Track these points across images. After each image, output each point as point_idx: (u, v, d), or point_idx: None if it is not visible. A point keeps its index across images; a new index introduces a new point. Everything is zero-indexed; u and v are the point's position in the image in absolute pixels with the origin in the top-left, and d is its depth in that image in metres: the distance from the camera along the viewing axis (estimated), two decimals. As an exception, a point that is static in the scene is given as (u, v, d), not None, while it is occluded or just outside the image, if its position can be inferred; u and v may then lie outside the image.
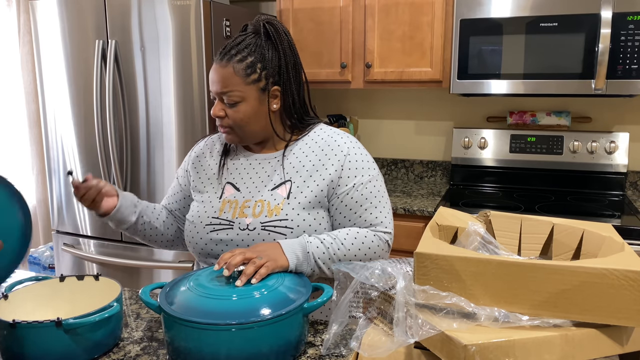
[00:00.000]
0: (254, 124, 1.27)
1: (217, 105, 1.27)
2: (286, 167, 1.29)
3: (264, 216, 1.24)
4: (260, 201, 1.26)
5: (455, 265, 0.85)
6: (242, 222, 1.25)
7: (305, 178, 1.27)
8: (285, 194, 1.26)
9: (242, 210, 1.27)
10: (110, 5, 2.38)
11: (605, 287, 0.79)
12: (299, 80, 1.31)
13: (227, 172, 1.35)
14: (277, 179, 1.29)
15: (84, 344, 1.04)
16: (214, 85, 1.26)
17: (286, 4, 2.68)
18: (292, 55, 1.29)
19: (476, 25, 2.31)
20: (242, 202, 1.28)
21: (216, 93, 1.26)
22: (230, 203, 1.29)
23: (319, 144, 1.32)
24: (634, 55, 2.13)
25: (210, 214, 1.29)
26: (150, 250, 2.51)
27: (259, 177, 1.31)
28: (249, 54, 1.24)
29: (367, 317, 0.98)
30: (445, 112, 2.87)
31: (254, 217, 1.25)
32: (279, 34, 1.27)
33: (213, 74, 1.26)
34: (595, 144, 2.52)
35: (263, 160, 1.33)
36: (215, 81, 1.25)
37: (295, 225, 1.23)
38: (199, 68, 2.28)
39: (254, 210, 1.26)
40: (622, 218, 2.17)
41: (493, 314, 0.83)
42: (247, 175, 1.32)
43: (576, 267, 0.80)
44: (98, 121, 2.45)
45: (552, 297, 0.81)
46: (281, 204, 1.25)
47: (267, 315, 0.97)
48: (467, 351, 0.76)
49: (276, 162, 1.31)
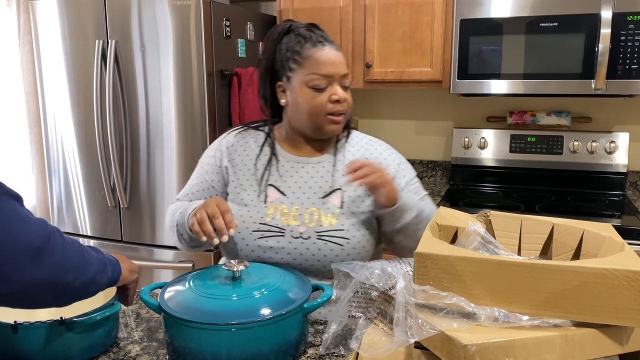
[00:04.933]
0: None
1: (338, 89, 1.24)
2: (335, 175, 1.29)
3: (318, 225, 1.22)
4: (314, 210, 1.24)
5: (455, 265, 0.85)
6: (294, 229, 1.22)
7: (355, 187, 1.27)
8: (338, 203, 1.25)
9: (293, 218, 1.23)
10: (110, 5, 2.38)
11: (606, 287, 0.79)
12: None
13: (267, 173, 1.31)
14: (327, 186, 1.27)
15: (84, 343, 1.05)
16: (335, 66, 1.23)
17: (286, 4, 2.67)
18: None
19: (476, 25, 2.31)
20: (291, 209, 1.25)
21: (340, 75, 1.24)
22: (277, 208, 1.25)
23: (361, 152, 1.34)
24: (634, 55, 2.13)
25: (257, 219, 1.25)
26: (150, 250, 2.51)
27: (306, 183, 1.28)
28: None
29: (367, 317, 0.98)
30: (445, 112, 2.87)
31: (308, 226, 1.22)
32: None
33: (332, 55, 1.24)
34: (595, 144, 2.52)
35: (306, 164, 1.30)
36: (337, 62, 1.24)
37: (351, 236, 1.22)
38: (199, 68, 2.28)
39: (306, 218, 1.23)
40: (622, 218, 2.17)
41: (493, 314, 0.83)
42: (291, 179, 1.28)
43: (576, 267, 0.80)
44: (98, 121, 2.45)
45: (552, 297, 0.81)
46: (336, 213, 1.23)
47: (267, 315, 0.97)
48: (467, 351, 0.76)
49: (322, 168, 1.30)
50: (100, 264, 0.96)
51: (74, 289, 0.91)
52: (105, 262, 0.98)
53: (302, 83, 1.24)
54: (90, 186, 2.59)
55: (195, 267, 2.43)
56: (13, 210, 0.83)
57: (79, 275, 0.90)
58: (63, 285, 0.88)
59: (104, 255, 1.00)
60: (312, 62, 1.23)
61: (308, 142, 1.33)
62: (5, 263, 0.81)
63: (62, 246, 0.88)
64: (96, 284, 0.95)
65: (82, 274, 0.91)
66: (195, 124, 2.33)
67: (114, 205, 2.55)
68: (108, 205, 2.56)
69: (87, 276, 0.92)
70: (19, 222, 0.83)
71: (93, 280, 0.94)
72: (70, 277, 0.89)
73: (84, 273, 0.92)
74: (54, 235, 0.87)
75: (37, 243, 0.84)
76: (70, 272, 0.89)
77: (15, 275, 0.82)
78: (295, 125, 1.31)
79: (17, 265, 0.82)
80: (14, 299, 0.85)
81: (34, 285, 0.84)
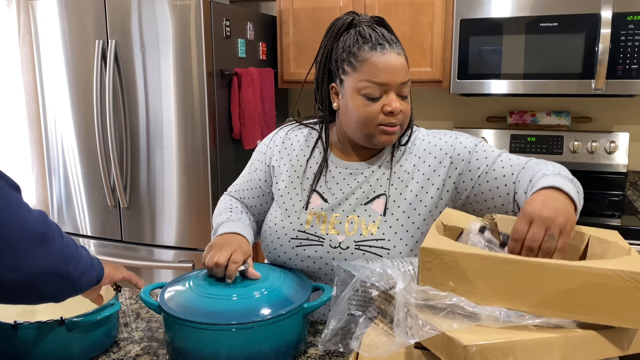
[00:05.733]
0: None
1: (394, 99, 1.11)
2: (380, 179, 1.18)
3: (358, 234, 1.14)
4: (354, 217, 1.16)
5: (460, 262, 0.85)
6: (333, 239, 1.15)
7: (401, 190, 1.17)
8: (381, 210, 1.16)
9: (333, 226, 1.16)
10: (110, 5, 2.38)
11: (610, 288, 0.79)
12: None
13: (313, 178, 1.23)
14: (371, 192, 1.18)
15: (84, 343, 1.05)
16: (392, 74, 1.10)
17: (286, 4, 2.67)
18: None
19: (476, 25, 2.31)
20: (331, 217, 1.17)
21: (398, 84, 1.11)
22: (317, 216, 1.18)
23: (412, 149, 1.21)
24: (634, 55, 2.13)
25: (296, 226, 1.19)
26: (150, 250, 2.51)
27: (350, 189, 1.19)
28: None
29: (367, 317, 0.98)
30: (445, 112, 2.87)
31: (347, 235, 1.15)
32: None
33: (389, 62, 1.10)
34: (595, 144, 2.52)
35: (355, 171, 1.21)
36: (396, 69, 1.10)
37: (392, 246, 1.13)
38: (199, 68, 2.28)
39: (346, 226, 1.16)
40: (622, 218, 2.17)
41: (494, 314, 0.83)
42: (336, 186, 1.20)
43: (581, 267, 0.80)
44: (98, 121, 2.45)
45: (556, 296, 0.81)
46: (377, 221, 1.15)
47: (267, 315, 0.97)
48: (468, 352, 0.76)
49: (370, 174, 1.20)
50: (88, 258, 0.98)
51: (73, 280, 0.91)
52: (91, 257, 0.99)
53: (355, 89, 1.13)
54: (90, 186, 2.59)
55: (195, 267, 2.43)
56: (17, 199, 0.84)
57: (77, 266, 0.92)
58: (65, 274, 0.89)
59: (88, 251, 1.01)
60: (368, 68, 1.11)
61: (360, 149, 1.23)
62: (12, 250, 0.81)
63: (61, 236, 0.90)
64: (87, 276, 0.96)
65: (79, 264, 0.92)
66: (195, 124, 2.33)
67: (114, 205, 2.55)
68: (108, 205, 2.56)
69: (83, 267, 0.94)
70: (24, 210, 0.84)
71: (85, 273, 0.95)
72: (71, 266, 0.90)
73: (80, 264, 0.93)
74: (52, 225, 0.89)
75: (41, 230, 0.85)
76: (70, 261, 0.90)
77: (22, 262, 0.82)
78: (346, 132, 1.21)
79: (24, 252, 0.82)
80: (19, 288, 0.84)
81: (39, 273, 0.84)
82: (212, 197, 2.37)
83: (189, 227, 2.43)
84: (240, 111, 2.47)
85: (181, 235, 2.44)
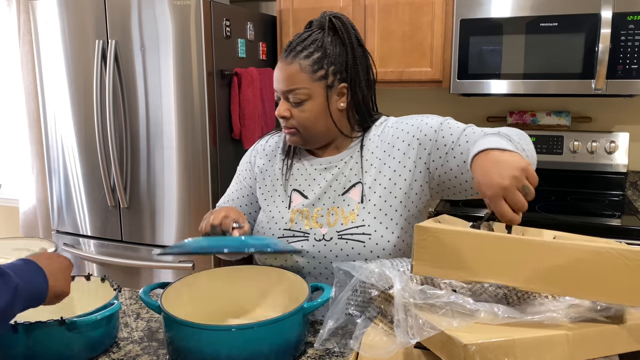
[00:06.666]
0: (320, 124, 1.21)
1: (282, 104, 1.20)
2: (353, 168, 1.23)
3: (339, 224, 1.18)
4: (334, 209, 1.20)
5: (454, 239, 0.86)
6: (317, 232, 1.19)
7: (375, 176, 1.21)
8: (358, 198, 1.20)
9: (316, 220, 1.21)
10: (110, 5, 2.38)
11: (600, 264, 0.79)
12: (368, 77, 1.25)
13: (292, 178, 1.28)
14: (346, 182, 1.22)
15: (84, 342, 1.05)
16: (279, 83, 1.19)
17: (286, 4, 2.67)
18: (360, 50, 1.22)
19: (476, 25, 2.31)
20: (313, 211, 1.22)
21: (282, 92, 1.20)
22: (300, 212, 1.23)
23: (382, 137, 1.25)
24: (634, 55, 2.13)
25: (281, 225, 1.23)
26: (150, 250, 2.51)
27: (326, 182, 1.24)
28: (315, 49, 1.18)
29: (367, 317, 0.98)
30: (445, 112, 2.87)
31: (330, 227, 1.19)
32: (346, 28, 1.20)
33: (278, 71, 1.20)
34: (595, 144, 2.52)
35: (329, 165, 1.26)
36: (281, 79, 1.19)
37: (373, 231, 1.16)
38: (199, 68, 2.28)
39: (328, 219, 1.20)
40: (622, 218, 2.17)
41: (492, 310, 0.83)
42: (314, 182, 1.25)
43: (572, 244, 0.81)
44: (98, 121, 2.45)
45: (547, 272, 0.81)
46: (356, 209, 1.19)
47: (267, 315, 0.97)
48: (467, 351, 0.76)
49: (342, 164, 1.25)
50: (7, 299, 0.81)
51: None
52: (12, 297, 0.82)
53: None
54: (90, 186, 2.59)
55: (195, 268, 2.43)
56: None
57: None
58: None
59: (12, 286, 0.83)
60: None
61: (328, 145, 1.28)
62: None
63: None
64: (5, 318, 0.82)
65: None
66: (195, 124, 2.33)
67: (114, 205, 2.55)
68: (108, 205, 2.56)
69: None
70: None
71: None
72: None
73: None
74: None
75: None
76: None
77: None
78: None
79: None
80: None
81: None
82: (212, 197, 2.37)
83: (189, 227, 2.43)
84: (240, 111, 2.47)
85: (181, 235, 2.44)
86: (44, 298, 0.90)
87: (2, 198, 3.71)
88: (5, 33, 3.28)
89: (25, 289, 0.84)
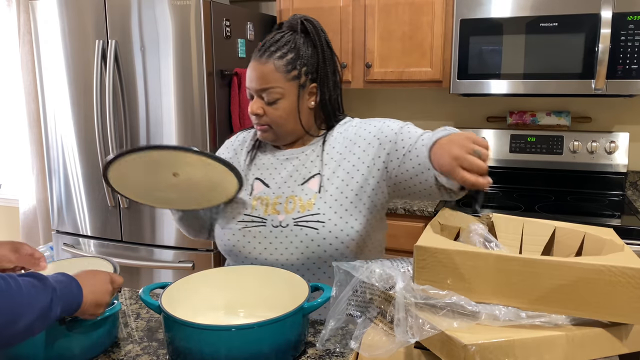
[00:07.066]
0: (292, 122, 1.27)
1: (255, 102, 1.26)
2: (314, 161, 1.29)
3: (296, 212, 1.24)
4: (292, 197, 1.26)
5: (454, 259, 0.85)
6: (274, 219, 1.25)
7: (334, 169, 1.27)
8: (316, 188, 1.26)
9: (274, 207, 1.26)
10: (110, 5, 2.38)
11: (603, 283, 0.79)
12: (335, 78, 1.31)
13: (255, 168, 1.35)
14: (307, 173, 1.29)
15: (84, 342, 1.05)
16: (253, 82, 1.24)
17: (286, 4, 2.68)
18: (329, 52, 1.29)
19: (476, 25, 2.31)
20: (273, 199, 1.28)
21: (255, 90, 1.25)
22: (261, 200, 1.29)
23: (344, 134, 1.31)
24: (634, 55, 2.13)
25: (242, 210, 1.29)
26: (150, 250, 2.51)
27: (288, 173, 1.30)
28: (289, 50, 1.24)
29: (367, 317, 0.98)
30: (445, 112, 2.87)
31: (287, 214, 1.24)
32: (317, 31, 1.27)
33: (252, 71, 1.25)
34: (595, 144, 2.52)
35: (291, 156, 1.32)
36: (255, 78, 1.24)
37: (327, 219, 1.21)
38: (199, 68, 2.28)
39: (286, 206, 1.25)
40: (622, 218, 2.17)
41: (494, 312, 0.83)
42: (275, 171, 1.32)
43: (573, 263, 0.80)
44: (98, 121, 2.45)
45: (550, 292, 0.81)
46: (313, 198, 1.24)
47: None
48: (467, 351, 0.76)
49: (304, 156, 1.31)
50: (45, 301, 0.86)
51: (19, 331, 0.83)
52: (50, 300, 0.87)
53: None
54: (90, 186, 2.59)
55: (195, 267, 2.43)
56: None
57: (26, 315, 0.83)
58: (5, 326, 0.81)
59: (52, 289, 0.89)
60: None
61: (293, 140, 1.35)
62: None
63: (8, 286, 0.81)
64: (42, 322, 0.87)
65: (28, 314, 0.84)
66: (195, 124, 2.33)
67: (114, 205, 2.55)
68: (108, 205, 2.56)
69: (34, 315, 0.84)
70: None
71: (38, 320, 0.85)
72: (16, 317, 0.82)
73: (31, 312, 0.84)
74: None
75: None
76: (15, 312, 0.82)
77: None
78: None
79: None
80: None
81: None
82: (212, 197, 2.37)
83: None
84: (240, 111, 2.48)
85: (181, 235, 2.44)
86: (79, 303, 0.96)
87: (2, 198, 3.71)
88: (5, 33, 3.28)
89: (63, 292, 0.91)
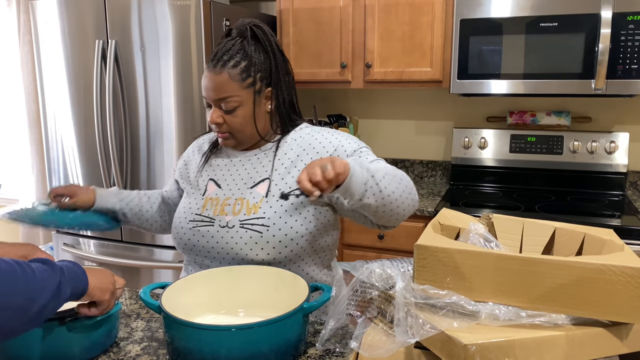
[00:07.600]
0: (252, 127, 1.29)
1: (213, 112, 1.27)
2: (265, 165, 1.32)
3: (242, 214, 1.26)
4: (240, 199, 1.29)
5: (455, 258, 0.85)
6: (222, 219, 1.28)
7: (283, 175, 1.29)
8: (264, 192, 1.28)
9: (223, 208, 1.29)
10: (110, 5, 2.38)
11: (603, 282, 0.79)
12: (289, 80, 1.33)
13: (210, 169, 1.38)
14: (257, 176, 1.31)
15: (84, 343, 1.05)
16: (209, 92, 1.26)
17: (286, 4, 2.68)
18: (280, 55, 1.30)
19: (476, 25, 2.31)
20: (223, 200, 1.31)
21: (213, 100, 1.26)
22: (212, 200, 1.32)
23: (299, 142, 1.33)
24: (634, 55, 2.13)
25: (194, 210, 1.33)
26: (151, 250, 2.51)
27: (239, 175, 1.33)
28: (241, 58, 1.25)
29: (367, 317, 0.98)
30: (445, 112, 2.87)
31: (234, 215, 1.27)
32: (267, 35, 1.28)
33: (208, 81, 1.26)
34: (595, 144, 2.52)
35: (244, 158, 1.35)
36: (212, 88, 1.25)
37: (272, 223, 1.23)
38: (199, 68, 2.28)
39: (233, 208, 1.28)
40: (622, 218, 2.17)
41: (494, 312, 0.83)
42: (227, 173, 1.35)
43: (574, 262, 0.80)
44: (98, 121, 2.45)
45: (550, 291, 0.81)
46: (260, 202, 1.27)
47: (267, 315, 0.96)
48: (467, 351, 0.76)
49: (256, 160, 1.34)
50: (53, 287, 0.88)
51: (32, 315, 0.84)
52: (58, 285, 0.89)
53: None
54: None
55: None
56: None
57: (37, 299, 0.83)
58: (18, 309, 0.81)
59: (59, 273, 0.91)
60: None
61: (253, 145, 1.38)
62: None
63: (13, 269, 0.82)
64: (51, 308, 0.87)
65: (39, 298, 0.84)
66: (195, 124, 2.33)
67: (114, 205, 2.55)
68: (108, 205, 2.56)
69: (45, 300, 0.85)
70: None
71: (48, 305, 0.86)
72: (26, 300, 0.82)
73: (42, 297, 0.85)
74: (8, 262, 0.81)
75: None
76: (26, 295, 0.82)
77: None
78: None
79: None
80: None
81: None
82: (212, 197, 2.38)
83: (189, 227, 2.43)
84: (240, 111, 2.47)
85: (181, 235, 2.44)
86: (85, 286, 0.97)
87: (2, 198, 3.71)
88: (5, 33, 3.28)
89: (70, 275, 0.94)
